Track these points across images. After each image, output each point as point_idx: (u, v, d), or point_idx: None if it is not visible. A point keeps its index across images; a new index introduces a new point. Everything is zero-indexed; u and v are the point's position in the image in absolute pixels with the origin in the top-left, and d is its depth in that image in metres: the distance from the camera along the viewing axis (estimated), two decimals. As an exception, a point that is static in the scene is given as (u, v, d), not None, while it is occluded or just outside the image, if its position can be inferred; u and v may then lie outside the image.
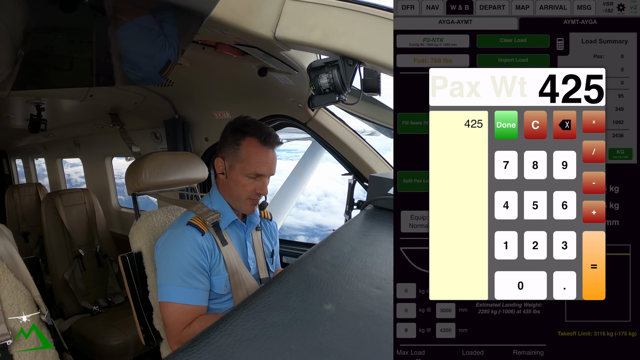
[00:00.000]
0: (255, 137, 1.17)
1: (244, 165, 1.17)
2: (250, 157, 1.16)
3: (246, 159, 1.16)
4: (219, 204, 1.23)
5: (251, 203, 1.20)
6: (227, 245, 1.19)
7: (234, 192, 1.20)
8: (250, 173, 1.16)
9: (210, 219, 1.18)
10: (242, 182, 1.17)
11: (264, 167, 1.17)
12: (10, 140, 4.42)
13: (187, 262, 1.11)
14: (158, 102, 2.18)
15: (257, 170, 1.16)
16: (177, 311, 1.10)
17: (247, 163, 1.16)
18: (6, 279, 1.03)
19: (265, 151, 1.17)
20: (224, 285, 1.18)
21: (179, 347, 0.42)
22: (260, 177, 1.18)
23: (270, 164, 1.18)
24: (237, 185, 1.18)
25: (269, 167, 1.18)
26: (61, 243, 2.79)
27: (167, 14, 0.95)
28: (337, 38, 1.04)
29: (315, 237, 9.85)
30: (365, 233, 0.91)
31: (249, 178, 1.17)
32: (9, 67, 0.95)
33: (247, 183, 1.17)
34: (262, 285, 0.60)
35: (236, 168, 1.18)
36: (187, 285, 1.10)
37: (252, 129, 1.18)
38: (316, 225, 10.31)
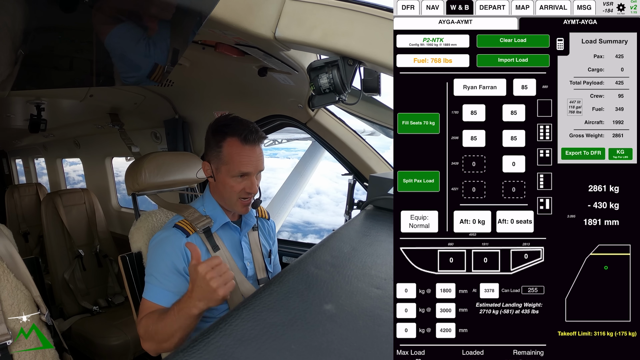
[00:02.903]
0: (236, 136, 1.13)
1: (228, 167, 1.14)
2: (233, 157, 1.13)
3: (229, 160, 1.14)
4: (211, 207, 1.23)
5: (242, 204, 1.18)
6: (219, 250, 1.18)
7: (224, 194, 1.18)
8: (235, 174, 1.14)
9: (201, 225, 1.17)
10: (230, 184, 1.15)
11: (249, 166, 1.14)
12: (10, 140, 4.42)
13: (164, 264, 1.10)
14: (158, 102, 2.18)
15: (241, 169, 1.13)
16: (144, 305, 1.09)
17: (230, 164, 1.14)
18: (6, 279, 1.03)
19: (248, 149, 1.14)
20: None
21: (179, 347, 0.42)
22: (247, 176, 1.15)
23: (255, 162, 1.15)
24: (226, 187, 1.16)
25: (255, 164, 1.15)
26: (61, 243, 2.78)
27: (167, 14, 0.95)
28: (337, 38, 1.04)
29: (299, 233, 9.85)
30: (365, 233, 0.91)
31: (236, 178, 1.15)
32: (9, 67, 0.95)
33: (234, 184, 1.15)
34: (262, 285, 0.60)
35: (222, 170, 1.16)
36: (161, 286, 1.09)
37: (232, 128, 1.14)
38: (304, 222, 10.30)
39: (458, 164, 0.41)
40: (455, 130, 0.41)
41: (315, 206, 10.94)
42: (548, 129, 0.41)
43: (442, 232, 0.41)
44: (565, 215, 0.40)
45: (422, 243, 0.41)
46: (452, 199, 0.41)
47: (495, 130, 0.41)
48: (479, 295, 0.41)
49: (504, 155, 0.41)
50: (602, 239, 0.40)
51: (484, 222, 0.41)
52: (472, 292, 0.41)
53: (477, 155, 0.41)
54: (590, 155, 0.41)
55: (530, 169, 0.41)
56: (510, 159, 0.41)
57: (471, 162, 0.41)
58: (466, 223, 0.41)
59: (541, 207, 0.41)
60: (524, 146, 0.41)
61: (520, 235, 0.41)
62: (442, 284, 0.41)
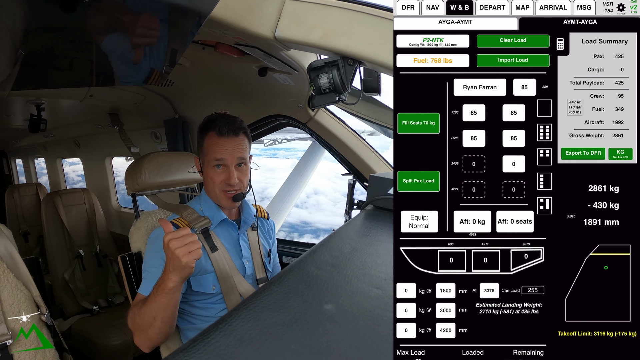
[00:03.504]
0: (214, 130, 1.20)
1: (208, 158, 1.21)
2: (210, 147, 1.20)
3: (208, 152, 1.20)
4: (207, 205, 1.25)
5: (225, 196, 1.21)
6: (217, 251, 1.19)
7: (209, 187, 1.23)
8: (212, 162, 1.19)
9: (200, 226, 1.19)
10: (210, 175, 1.21)
11: (223, 154, 1.18)
12: (10, 140, 4.42)
13: (156, 257, 1.12)
14: (158, 102, 2.18)
15: (215, 156, 1.18)
16: (136, 300, 1.11)
17: (208, 155, 1.20)
18: (6, 279, 1.03)
19: (224, 140, 1.19)
20: (212, 284, 1.18)
21: (179, 347, 0.42)
22: (225, 168, 1.20)
23: (230, 151, 1.19)
24: (208, 179, 1.22)
25: (230, 154, 1.19)
26: (61, 243, 2.78)
27: (167, 13, 0.95)
28: (337, 38, 1.04)
29: (295, 233, 9.86)
30: (365, 233, 0.91)
31: (215, 170, 1.20)
32: (9, 67, 0.95)
33: (214, 175, 1.20)
34: (262, 285, 0.60)
35: (204, 163, 1.22)
36: (152, 279, 1.09)
37: (214, 123, 1.21)
38: (301, 222, 10.31)
39: (458, 164, 0.41)
40: (455, 130, 0.41)
41: (313, 206, 10.96)
42: (548, 129, 0.41)
43: (442, 232, 0.41)
44: (565, 215, 0.40)
45: (422, 243, 0.41)
46: (452, 199, 0.41)
47: (495, 130, 0.41)
48: (479, 295, 0.41)
49: (504, 155, 0.41)
50: (602, 239, 0.40)
51: (484, 222, 0.41)
52: (472, 292, 0.41)
53: (477, 155, 0.41)
54: (590, 155, 0.41)
55: (530, 169, 0.41)
56: (510, 159, 0.41)
57: (471, 162, 0.41)
58: (466, 223, 0.41)
59: (541, 207, 0.41)
60: (524, 146, 0.41)
61: (520, 235, 0.41)
62: (442, 284, 0.41)
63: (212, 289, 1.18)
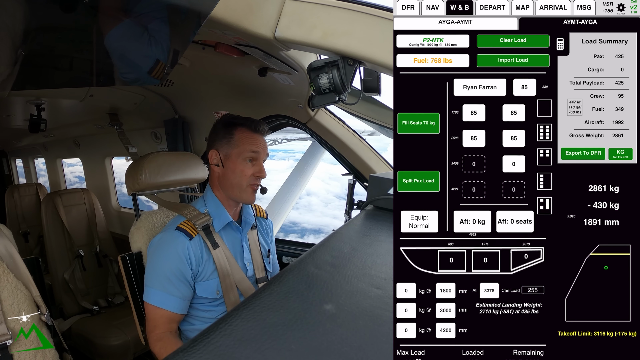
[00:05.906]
0: (246, 126, 1.23)
1: (239, 150, 1.21)
2: (244, 140, 1.21)
3: (240, 144, 1.21)
4: (213, 206, 1.24)
5: (251, 189, 1.22)
6: (218, 248, 1.19)
7: (234, 181, 1.21)
8: (247, 154, 1.20)
9: (200, 223, 1.19)
10: (240, 168, 1.20)
11: (260, 147, 1.22)
12: (10, 140, 4.41)
13: (168, 268, 1.13)
14: (158, 102, 2.18)
15: (252, 148, 1.20)
16: (152, 312, 1.15)
17: (242, 147, 1.21)
18: (6, 279, 1.03)
19: (257, 136, 1.23)
20: (216, 289, 1.19)
21: (179, 347, 0.42)
22: (256, 161, 1.21)
23: (264, 146, 1.24)
24: (235, 172, 1.21)
25: (264, 148, 1.24)
26: (61, 243, 2.78)
27: (167, 13, 0.95)
28: (337, 38, 1.04)
29: (281, 232, 9.85)
30: (365, 233, 0.91)
31: (246, 162, 1.20)
32: (9, 67, 0.95)
33: (244, 168, 1.20)
34: (262, 285, 0.60)
35: (232, 155, 1.21)
36: (164, 290, 1.13)
37: (242, 120, 1.25)
38: (289, 222, 10.27)
39: (458, 164, 0.41)
40: (455, 130, 0.41)
41: (303, 207, 10.93)
42: (548, 129, 0.41)
43: (442, 232, 0.41)
44: (565, 215, 0.40)
45: (422, 243, 0.41)
46: (452, 199, 0.41)
47: (495, 130, 0.41)
48: (479, 295, 0.41)
49: (504, 155, 0.41)
50: (602, 239, 0.40)
51: (484, 222, 0.41)
52: (472, 292, 0.41)
53: (477, 155, 0.41)
54: (590, 155, 0.41)
55: (530, 169, 0.41)
56: (510, 159, 0.41)
57: (471, 162, 0.41)
58: (466, 223, 0.41)
59: (541, 207, 0.41)
60: (524, 146, 0.41)
61: (520, 235, 0.41)
62: (442, 284, 0.41)
63: (216, 294, 1.19)
